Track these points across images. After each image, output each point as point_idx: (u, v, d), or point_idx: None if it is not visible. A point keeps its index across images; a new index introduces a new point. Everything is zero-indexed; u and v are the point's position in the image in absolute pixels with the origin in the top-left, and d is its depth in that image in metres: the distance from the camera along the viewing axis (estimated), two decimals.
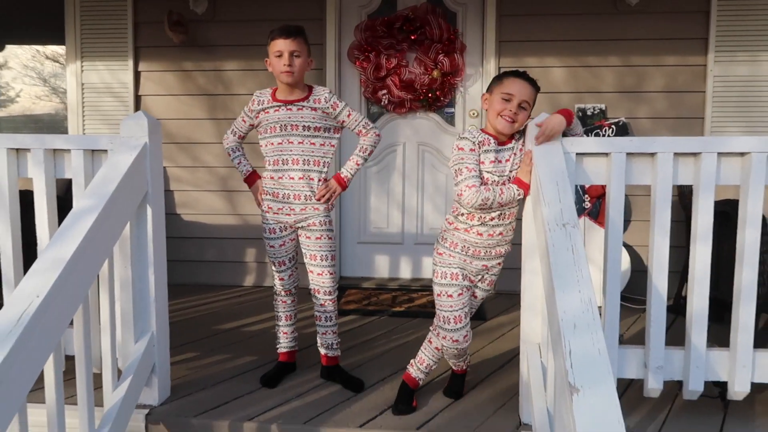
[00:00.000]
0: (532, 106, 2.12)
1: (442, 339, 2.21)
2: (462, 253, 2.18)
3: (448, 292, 2.18)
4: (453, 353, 2.25)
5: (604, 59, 3.92)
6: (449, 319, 2.17)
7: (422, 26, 4.01)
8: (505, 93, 2.07)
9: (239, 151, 2.59)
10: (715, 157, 2.03)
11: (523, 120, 2.10)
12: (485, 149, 2.10)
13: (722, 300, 2.88)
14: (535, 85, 2.12)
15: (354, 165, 2.48)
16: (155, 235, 2.23)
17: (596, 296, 1.57)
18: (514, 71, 2.13)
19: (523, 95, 2.07)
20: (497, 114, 2.08)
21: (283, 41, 2.33)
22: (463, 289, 2.19)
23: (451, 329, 2.17)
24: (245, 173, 2.56)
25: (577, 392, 1.32)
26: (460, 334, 2.17)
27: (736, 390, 2.08)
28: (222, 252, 4.26)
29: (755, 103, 3.83)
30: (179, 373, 2.56)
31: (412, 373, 2.34)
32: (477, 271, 2.22)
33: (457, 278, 2.18)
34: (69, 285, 1.70)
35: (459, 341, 2.18)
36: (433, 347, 2.32)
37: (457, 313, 2.16)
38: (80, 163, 2.22)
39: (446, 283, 2.18)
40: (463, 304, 2.18)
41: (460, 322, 2.17)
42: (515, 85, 2.07)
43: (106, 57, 4.21)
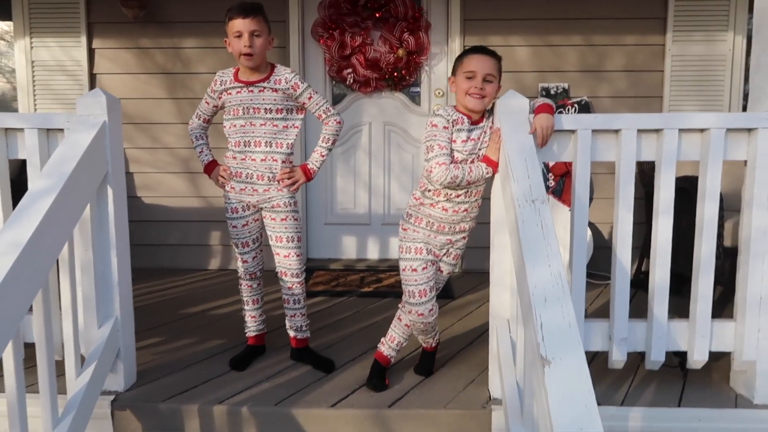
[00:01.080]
0: (498, 77, 2.12)
1: (409, 314, 2.23)
2: (426, 228, 2.20)
3: (413, 266, 2.19)
4: (420, 327, 2.26)
5: (567, 38, 3.96)
6: (414, 293, 2.18)
7: (387, 4, 3.96)
8: (467, 71, 2.08)
9: (203, 140, 2.52)
10: (676, 133, 2.08)
11: (492, 92, 2.09)
12: (458, 128, 2.10)
13: (680, 273, 2.97)
14: (495, 57, 2.12)
15: (319, 157, 2.44)
16: (117, 217, 2.16)
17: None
18: (472, 48, 2.15)
19: (486, 69, 2.07)
20: (465, 93, 2.09)
21: (242, 21, 2.26)
22: (427, 263, 2.20)
23: (416, 303, 2.19)
24: (205, 162, 2.50)
25: (548, 364, 1.34)
26: (425, 307, 2.19)
27: (696, 359, 2.16)
28: (185, 235, 4.17)
29: (711, 81, 3.94)
30: (145, 359, 2.51)
31: (384, 351, 2.36)
32: (441, 245, 2.24)
33: (421, 252, 2.20)
34: (27, 269, 1.63)
35: (424, 314, 2.20)
36: (402, 324, 2.33)
37: (422, 286, 2.18)
38: (35, 143, 2.12)
39: (411, 257, 2.20)
40: (428, 278, 2.20)
41: (425, 295, 2.19)
42: (475, 61, 2.08)
43: (57, 33, 4.03)
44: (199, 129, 2.52)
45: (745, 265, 2.13)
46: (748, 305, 2.11)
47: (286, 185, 2.39)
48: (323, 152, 2.45)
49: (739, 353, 2.15)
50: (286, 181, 2.38)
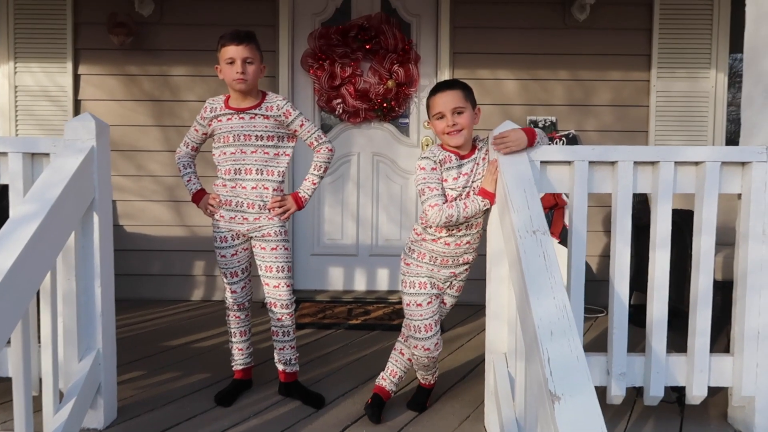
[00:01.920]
0: (470, 104, 2.09)
1: (414, 348, 2.17)
2: (430, 262, 2.17)
3: (417, 301, 2.15)
4: (424, 362, 2.20)
5: (554, 73, 4.02)
6: (420, 328, 2.14)
7: (377, 36, 3.99)
8: (435, 114, 2.09)
9: (190, 168, 2.47)
10: (672, 165, 2.08)
11: (467, 122, 2.07)
12: (447, 167, 2.09)
13: (671, 307, 2.96)
14: (457, 87, 2.09)
15: (310, 185, 2.41)
16: (102, 245, 2.08)
17: None
18: (434, 87, 2.14)
19: (451, 104, 2.05)
20: (442, 133, 2.09)
21: (235, 48, 2.25)
22: (431, 297, 2.16)
23: (422, 338, 2.13)
24: (193, 191, 2.44)
25: (558, 400, 1.29)
26: (431, 342, 2.14)
27: (695, 394, 2.13)
28: (168, 265, 4.07)
29: (695, 117, 4.01)
30: (126, 394, 2.40)
31: (385, 385, 2.30)
32: (445, 279, 2.20)
33: (426, 287, 2.16)
34: (7, 299, 1.54)
35: (431, 349, 2.15)
36: (405, 358, 2.29)
37: (427, 321, 2.14)
38: (19, 167, 2.05)
39: (415, 292, 2.16)
40: (433, 312, 2.15)
41: (431, 330, 2.14)
42: (439, 101, 2.07)
43: (42, 59, 3.97)
44: (186, 157, 2.47)
45: (741, 300, 2.12)
46: (746, 340, 2.10)
47: (276, 214, 2.34)
48: (315, 180, 2.41)
49: (738, 388, 2.12)
50: (277, 209, 2.34)
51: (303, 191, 2.41)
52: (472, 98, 2.12)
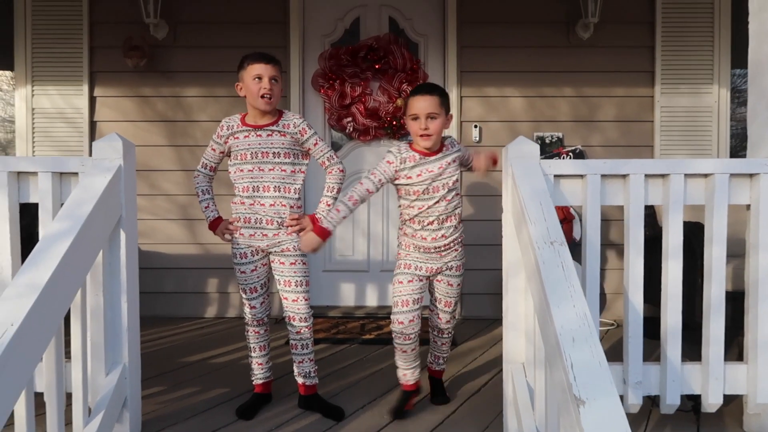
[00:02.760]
0: (444, 110, 2.26)
1: (391, 324, 2.37)
2: (415, 251, 2.36)
3: (399, 279, 2.37)
4: (399, 339, 2.35)
5: (560, 90, 4.10)
6: (397, 303, 2.34)
7: (386, 56, 4.09)
8: (411, 114, 2.26)
9: (209, 195, 2.51)
10: (682, 178, 2.14)
11: (437, 128, 2.24)
12: (410, 165, 2.27)
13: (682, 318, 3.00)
14: (436, 93, 2.26)
15: (325, 206, 2.46)
16: (129, 262, 2.13)
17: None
18: (414, 89, 2.33)
19: (427, 109, 2.22)
20: (415, 134, 2.27)
21: (263, 66, 2.33)
22: (413, 277, 2.35)
23: (397, 311, 2.34)
24: (211, 218, 2.48)
25: (582, 404, 1.33)
26: (406, 317, 2.32)
27: (710, 402, 2.16)
28: (182, 283, 4.12)
29: (699, 131, 4.08)
30: (148, 408, 2.43)
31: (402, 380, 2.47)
32: (434, 263, 2.36)
33: (410, 268, 2.36)
34: (44, 313, 1.59)
35: (404, 323, 2.32)
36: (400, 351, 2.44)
37: (404, 297, 2.34)
38: (48, 186, 2.11)
39: (399, 272, 2.38)
40: (412, 290, 2.34)
41: (407, 306, 2.33)
42: (416, 103, 2.24)
43: (59, 81, 4.07)
44: (205, 182, 2.51)
45: (754, 308, 2.16)
46: (759, 347, 2.13)
47: (294, 230, 2.39)
48: (329, 201, 2.47)
49: (753, 396, 2.15)
50: (294, 227, 2.39)
51: (319, 213, 2.45)
52: (447, 105, 2.30)
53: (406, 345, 2.37)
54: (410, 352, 2.40)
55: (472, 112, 4.09)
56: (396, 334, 2.36)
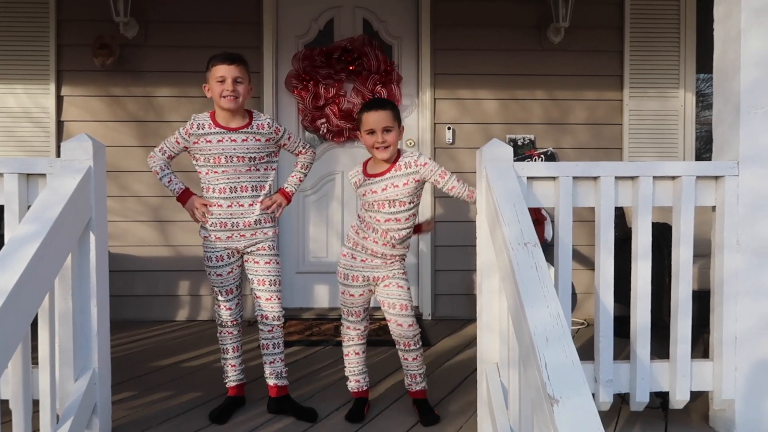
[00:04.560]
0: (397, 123, 2.33)
1: (346, 329, 2.48)
2: (363, 252, 2.38)
3: (351, 291, 2.41)
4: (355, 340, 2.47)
5: (532, 93, 4.16)
6: (351, 312, 2.44)
7: (360, 57, 4.09)
8: (366, 129, 2.31)
9: (168, 169, 2.46)
10: (650, 180, 2.19)
11: (394, 139, 2.31)
12: (361, 186, 2.38)
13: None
14: (388, 107, 2.33)
15: (297, 181, 2.58)
16: (98, 265, 2.09)
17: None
18: (366, 104, 2.39)
19: (382, 123, 2.28)
20: (371, 147, 2.32)
21: (226, 67, 2.31)
22: (363, 290, 2.40)
23: (353, 320, 2.46)
24: (178, 191, 2.44)
25: (556, 403, 1.35)
26: (363, 324, 2.47)
27: (678, 399, 2.21)
28: (152, 285, 4.05)
29: (666, 134, 4.18)
30: (119, 414, 2.39)
31: (351, 386, 2.49)
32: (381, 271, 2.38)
33: (357, 279, 2.39)
34: (10, 318, 1.55)
35: (360, 329, 2.46)
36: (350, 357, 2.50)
37: (357, 309, 2.44)
38: (14, 188, 2.05)
39: (347, 283, 2.41)
40: (363, 301, 2.43)
41: (359, 316, 2.45)
42: (371, 119, 2.30)
43: (25, 80, 3.97)
44: (162, 161, 2.46)
45: (719, 307, 2.22)
46: (724, 345, 2.19)
47: (270, 210, 2.42)
48: (301, 177, 2.58)
49: (718, 392, 2.22)
50: (269, 205, 2.42)
51: (289, 186, 2.55)
52: (399, 118, 2.38)
53: (361, 346, 2.47)
54: (362, 354, 2.48)
55: (446, 114, 4.12)
56: (352, 337, 2.47)
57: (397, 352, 2.47)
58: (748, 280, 2.17)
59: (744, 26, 2.18)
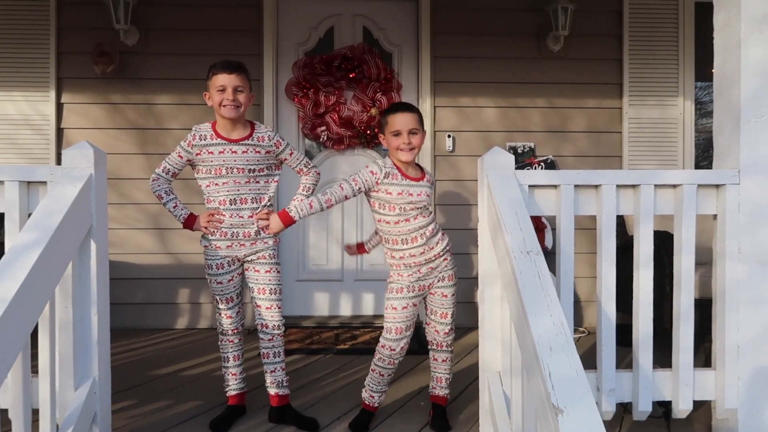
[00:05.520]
0: (421, 126, 2.33)
1: (381, 347, 2.35)
2: (407, 270, 2.33)
3: (393, 304, 2.33)
4: (383, 363, 2.36)
5: (532, 101, 4.17)
6: (390, 329, 2.33)
7: (360, 65, 4.09)
8: (393, 131, 2.29)
9: (173, 195, 2.44)
10: (652, 188, 2.19)
11: (419, 142, 2.30)
12: (392, 181, 2.28)
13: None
14: (414, 110, 2.33)
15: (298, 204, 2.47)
16: (99, 273, 2.08)
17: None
18: (393, 106, 2.38)
19: (409, 125, 2.28)
20: (396, 149, 2.29)
21: (227, 76, 2.31)
22: (407, 303, 2.33)
23: (390, 338, 2.33)
24: (184, 216, 2.42)
25: (561, 413, 1.34)
26: (398, 344, 2.33)
27: (681, 408, 2.20)
28: (151, 293, 4.04)
29: (665, 142, 4.19)
30: (118, 423, 2.37)
31: (366, 398, 2.44)
32: (428, 279, 2.35)
33: (402, 291, 2.33)
34: (11, 327, 1.54)
35: (395, 350, 2.33)
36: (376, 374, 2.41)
37: (398, 324, 2.33)
38: (15, 196, 2.05)
39: (392, 296, 2.35)
40: (405, 317, 2.33)
41: (400, 333, 2.33)
42: (398, 120, 2.29)
43: (24, 87, 3.97)
44: (166, 184, 2.44)
45: (721, 316, 2.22)
46: (727, 354, 2.19)
47: (263, 226, 2.38)
48: (302, 200, 2.46)
49: (721, 402, 2.21)
50: (263, 222, 2.38)
51: (294, 211, 2.45)
52: (423, 123, 2.36)
53: (388, 370, 2.37)
54: (387, 377, 2.40)
55: (446, 122, 4.13)
56: (383, 358, 2.34)
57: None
58: (750, 288, 2.17)
59: (744, 35, 2.19)
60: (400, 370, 3.05)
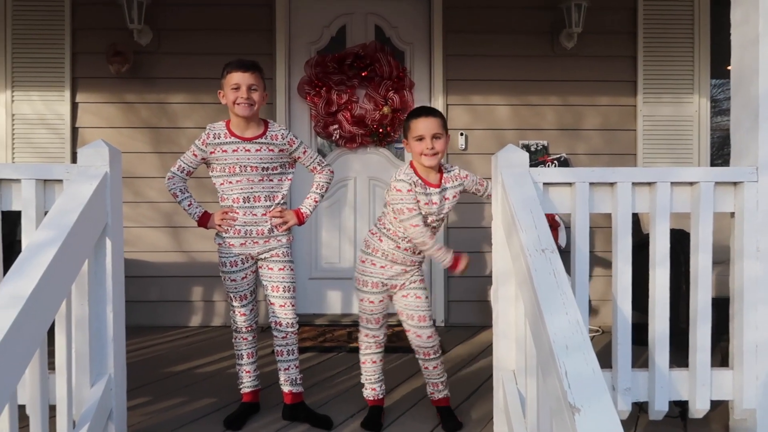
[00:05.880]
0: (445, 131, 2.30)
1: (364, 337, 2.44)
2: (383, 259, 2.35)
3: (370, 298, 2.38)
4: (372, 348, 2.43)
5: (545, 98, 4.14)
6: (370, 320, 2.41)
7: (372, 63, 4.09)
8: (416, 136, 2.27)
9: (188, 193, 2.46)
10: (668, 186, 2.16)
11: (442, 147, 2.28)
12: (419, 191, 2.27)
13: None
14: (437, 114, 2.31)
15: (312, 202, 2.53)
16: (114, 270, 2.09)
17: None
18: (415, 111, 2.34)
19: (432, 129, 2.25)
20: (419, 154, 2.27)
21: (241, 74, 2.31)
22: (383, 296, 2.38)
23: (372, 327, 2.42)
24: (198, 215, 2.44)
25: (578, 412, 1.33)
26: (381, 332, 2.43)
27: (698, 408, 2.18)
28: (165, 291, 4.06)
29: (681, 140, 4.15)
30: (134, 420, 2.39)
31: (367, 394, 2.48)
32: (400, 279, 2.37)
33: (377, 286, 2.37)
34: (28, 324, 1.55)
35: (378, 336, 2.41)
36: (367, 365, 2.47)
37: (376, 315, 2.40)
38: (32, 194, 2.07)
39: (367, 290, 2.38)
40: (382, 309, 2.40)
41: (378, 323, 2.41)
42: (422, 125, 2.26)
43: (40, 87, 4.01)
44: (181, 183, 2.46)
45: (739, 315, 2.19)
46: (745, 354, 2.16)
47: (276, 224, 2.39)
48: (316, 198, 2.52)
49: (739, 402, 2.18)
50: (276, 220, 2.39)
51: (305, 208, 2.51)
52: (446, 127, 2.34)
53: (379, 354, 2.44)
54: (379, 363, 2.46)
55: (458, 120, 4.11)
56: (370, 345, 2.43)
57: (411, 359, 2.46)
58: None
59: (762, 30, 2.15)
60: (409, 369, 3.04)
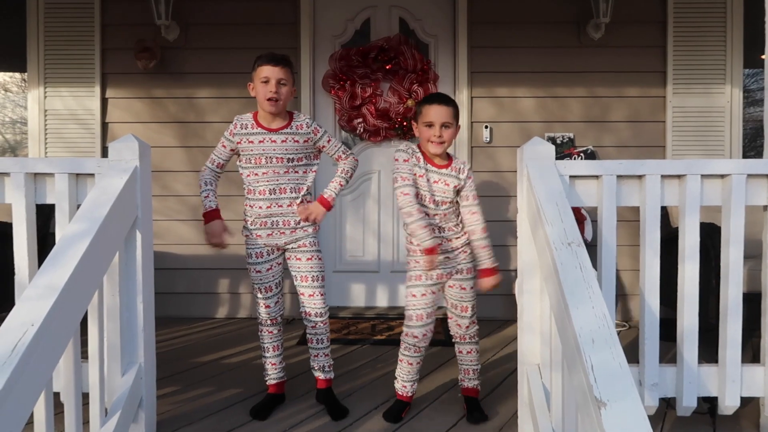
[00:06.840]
0: (455, 121, 2.31)
1: (404, 336, 2.37)
2: (422, 255, 2.29)
3: (413, 292, 2.35)
4: (410, 351, 2.37)
5: (571, 90, 4.08)
6: (412, 317, 2.34)
7: (396, 57, 4.08)
8: (426, 121, 2.28)
9: (212, 186, 2.49)
10: (698, 178, 2.12)
11: (450, 136, 2.29)
12: (416, 164, 2.30)
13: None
14: (450, 103, 2.30)
15: (337, 185, 2.51)
16: (144, 262, 2.14)
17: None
18: (428, 97, 2.35)
19: (442, 117, 2.26)
20: (426, 140, 2.28)
21: (271, 68, 2.33)
22: (426, 290, 2.33)
23: (412, 325, 2.34)
24: (208, 208, 2.46)
25: (604, 406, 1.32)
26: (420, 331, 2.34)
27: (727, 404, 2.14)
28: (193, 283, 4.13)
29: (711, 132, 4.06)
30: (162, 408, 2.44)
31: (398, 389, 2.46)
32: (445, 268, 2.35)
33: (420, 279, 2.34)
34: (63, 314, 1.60)
35: (418, 337, 2.34)
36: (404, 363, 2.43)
37: (419, 311, 2.33)
38: (65, 188, 2.12)
39: (411, 284, 2.36)
40: (425, 304, 2.33)
41: (421, 320, 2.33)
42: (433, 111, 2.27)
43: (71, 83, 4.09)
44: (211, 175, 2.50)
45: None
46: None
47: (304, 218, 2.41)
48: (342, 182, 2.52)
49: None
50: (303, 214, 2.41)
51: (329, 191, 2.49)
52: (458, 117, 2.35)
53: (415, 358, 2.39)
54: (415, 365, 2.41)
55: (483, 112, 4.09)
56: (408, 346, 2.37)
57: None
58: None
59: None
60: (435, 362, 3.05)
